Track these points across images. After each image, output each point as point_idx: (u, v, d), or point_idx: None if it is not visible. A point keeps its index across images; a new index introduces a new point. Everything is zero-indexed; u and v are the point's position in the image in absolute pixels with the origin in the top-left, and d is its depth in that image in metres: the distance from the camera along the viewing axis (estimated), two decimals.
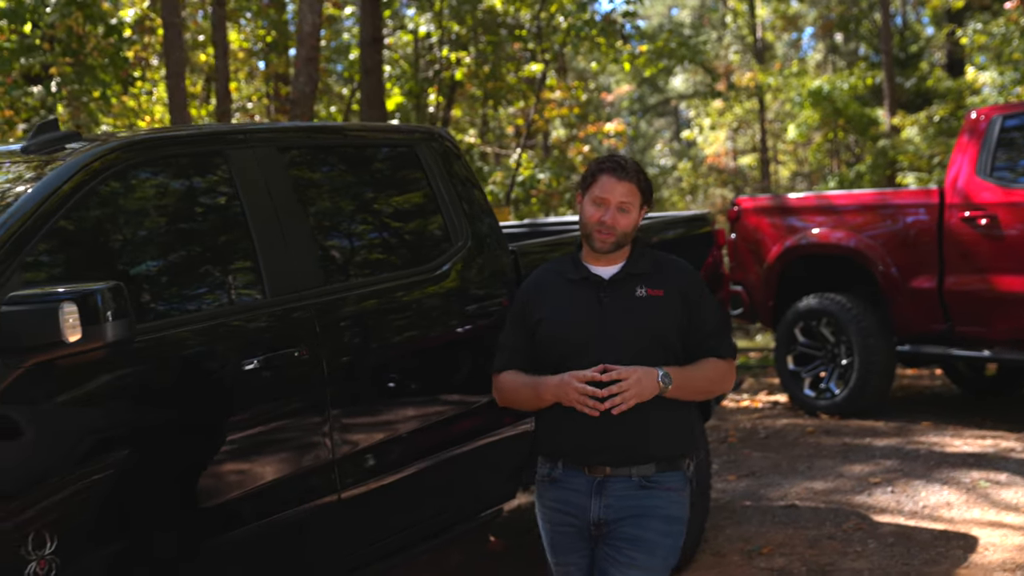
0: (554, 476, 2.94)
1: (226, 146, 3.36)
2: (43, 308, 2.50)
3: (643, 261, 2.96)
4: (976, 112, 7.22)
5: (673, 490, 2.89)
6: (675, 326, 2.90)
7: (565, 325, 2.91)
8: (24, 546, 2.54)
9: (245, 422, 3.10)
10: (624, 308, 2.89)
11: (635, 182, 2.90)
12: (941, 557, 4.61)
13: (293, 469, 3.20)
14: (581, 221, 2.95)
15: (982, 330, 6.85)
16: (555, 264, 3.07)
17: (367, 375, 3.52)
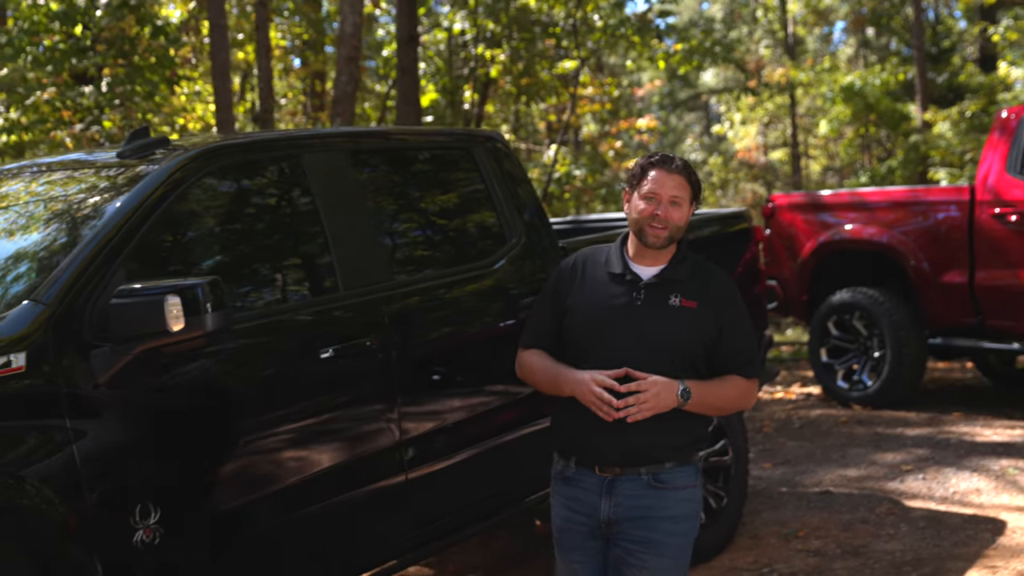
0: (567, 474, 2.97)
1: (302, 151, 3.63)
2: (150, 300, 2.77)
3: (683, 267, 2.95)
4: (1007, 111, 7.38)
5: (682, 488, 2.91)
6: (702, 340, 2.89)
7: (594, 319, 2.91)
8: (133, 516, 2.81)
9: (322, 405, 3.36)
10: (654, 315, 2.88)
11: (685, 176, 2.91)
12: (970, 539, 4.82)
13: (365, 450, 3.45)
14: (631, 217, 2.93)
15: (1012, 323, 7.03)
16: (599, 252, 3.04)
17: (429, 364, 3.77)
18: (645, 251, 2.94)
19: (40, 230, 3.15)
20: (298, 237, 3.55)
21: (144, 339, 2.81)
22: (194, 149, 3.36)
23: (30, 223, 3.22)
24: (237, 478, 3.11)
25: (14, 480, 2.59)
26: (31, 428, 2.67)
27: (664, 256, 2.95)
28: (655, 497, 2.87)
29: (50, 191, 3.36)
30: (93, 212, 3.10)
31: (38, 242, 3.09)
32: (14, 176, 3.57)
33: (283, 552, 3.26)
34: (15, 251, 3.11)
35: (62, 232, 3.09)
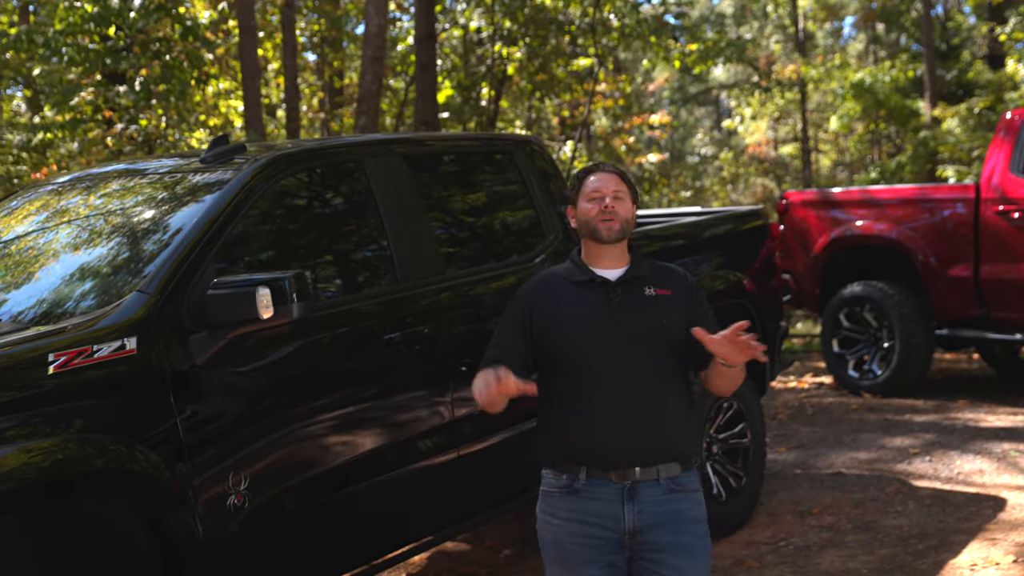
0: (575, 487, 2.89)
1: (364, 156, 4.00)
2: (243, 292, 3.13)
3: (644, 265, 3.03)
4: (1011, 112, 7.72)
5: (695, 491, 2.94)
6: (683, 322, 2.93)
7: (580, 325, 2.91)
8: (227, 482, 3.18)
9: (385, 387, 3.73)
10: (636, 307, 2.93)
11: (619, 175, 3.03)
12: (973, 515, 5.18)
13: (422, 427, 3.82)
14: (580, 222, 3.01)
15: (1015, 315, 7.38)
16: (555, 272, 3.08)
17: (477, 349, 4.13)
18: (602, 253, 2.99)
19: (137, 228, 3.52)
20: (362, 234, 3.92)
21: (237, 325, 3.18)
22: (269, 155, 3.73)
23: (127, 222, 3.58)
24: (312, 450, 3.47)
25: (126, 448, 2.95)
26: (141, 403, 3.03)
27: (622, 259, 3.01)
28: (677, 500, 2.87)
29: (143, 193, 3.73)
30: (185, 212, 3.47)
31: (137, 239, 3.46)
32: (108, 180, 3.94)
33: (349, 519, 3.63)
34: (116, 247, 3.48)
35: (157, 230, 3.46)
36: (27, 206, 4.01)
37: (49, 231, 3.75)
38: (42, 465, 2.74)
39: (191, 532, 3.07)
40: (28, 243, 3.73)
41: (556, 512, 2.92)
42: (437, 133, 4.89)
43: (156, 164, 4.02)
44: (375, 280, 3.89)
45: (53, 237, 3.69)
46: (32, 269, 3.56)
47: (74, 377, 2.88)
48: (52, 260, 3.56)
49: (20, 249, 3.71)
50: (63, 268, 3.49)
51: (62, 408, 2.85)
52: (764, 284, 5.70)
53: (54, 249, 3.62)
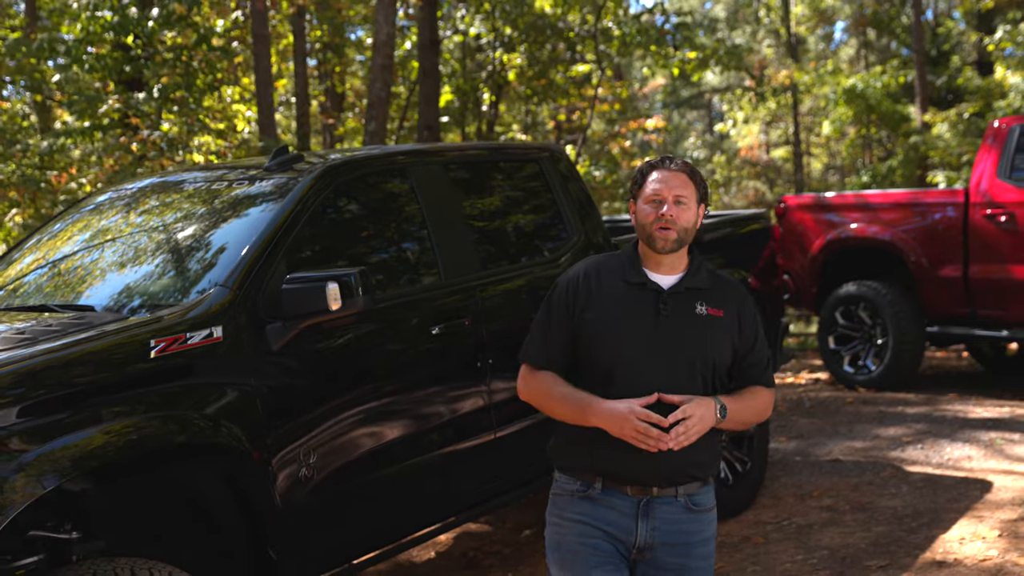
0: (590, 494, 2.82)
1: (409, 164, 4.40)
2: (314, 286, 3.52)
3: (702, 275, 2.86)
4: (999, 121, 8.15)
5: (711, 510, 2.87)
6: (732, 349, 2.83)
7: (617, 331, 2.78)
8: (299, 455, 3.57)
9: (433, 373, 4.12)
10: (683, 325, 2.78)
11: (688, 174, 2.83)
12: (961, 496, 5.60)
13: (465, 410, 4.21)
14: (638, 225, 2.85)
15: (1001, 313, 7.81)
16: (610, 260, 2.93)
17: (509, 340, 4.52)
18: (659, 259, 2.83)
19: (214, 230, 3.91)
20: (409, 235, 4.32)
21: (309, 316, 3.56)
22: (324, 165, 4.12)
23: (205, 223, 3.97)
24: (369, 429, 3.85)
25: (213, 423, 3.33)
26: (226, 384, 3.41)
27: (679, 264, 2.86)
28: (692, 521, 2.81)
29: (216, 197, 4.12)
30: (256, 215, 3.86)
31: (215, 239, 3.85)
32: (182, 185, 4.33)
33: (398, 494, 4.01)
34: (196, 246, 3.87)
35: (233, 231, 3.84)
36: (107, 209, 4.40)
37: (134, 231, 4.14)
38: (137, 438, 3.11)
39: (269, 498, 3.45)
40: (114, 242, 4.11)
41: (565, 514, 2.85)
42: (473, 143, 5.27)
43: (223, 171, 4.40)
44: (421, 277, 4.29)
45: (138, 237, 4.07)
46: (121, 266, 3.94)
47: (171, 360, 3.27)
48: (138, 258, 3.94)
49: (107, 247, 4.10)
50: (149, 265, 3.88)
51: (162, 387, 3.23)
52: (767, 283, 6.11)
53: (140, 248, 4.00)
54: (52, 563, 3.11)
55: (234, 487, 3.43)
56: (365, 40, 17.93)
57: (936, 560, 4.73)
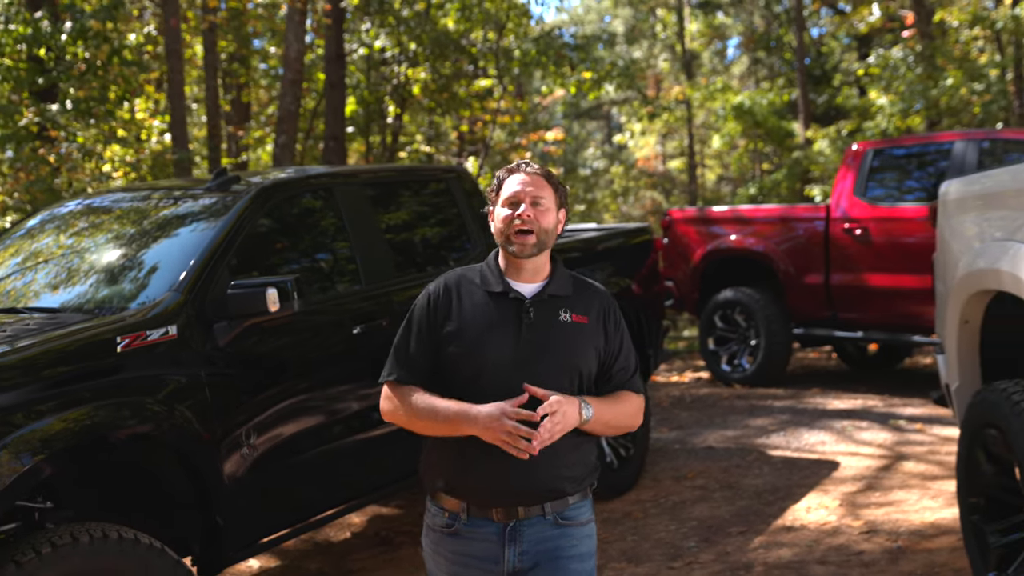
0: (456, 529, 2.72)
1: (333, 184, 5.03)
2: (256, 291, 4.11)
3: (565, 281, 2.81)
4: (856, 144, 9.09)
5: (585, 523, 2.77)
6: (597, 356, 2.76)
7: (481, 343, 2.69)
8: (241, 436, 4.17)
9: (356, 368, 4.74)
10: (546, 333, 2.71)
11: (544, 176, 2.78)
12: (813, 474, 6.43)
13: None
14: (496, 230, 2.78)
15: (858, 316, 8.73)
16: (471, 271, 2.84)
17: None
18: (520, 266, 2.77)
19: (165, 241, 4.49)
20: (334, 247, 4.95)
21: (250, 317, 4.16)
22: (261, 184, 4.72)
23: (157, 235, 4.54)
24: (299, 414, 4.45)
25: (168, 406, 3.90)
26: (180, 375, 3.99)
27: (541, 271, 2.79)
28: (561, 536, 2.71)
29: (164, 211, 4.69)
30: (201, 228, 4.45)
31: (166, 249, 4.42)
32: (132, 201, 4.89)
33: (325, 472, 4.62)
34: (149, 255, 4.44)
35: (182, 243, 4.42)
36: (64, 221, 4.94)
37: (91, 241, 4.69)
38: (90, 423, 3.63)
39: (217, 473, 4.04)
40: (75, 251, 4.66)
41: (440, 550, 2.79)
42: (390, 165, 5.85)
43: (170, 190, 4.97)
44: (344, 283, 4.91)
45: (97, 246, 4.62)
46: (83, 272, 4.48)
47: (135, 354, 3.84)
48: (99, 265, 4.49)
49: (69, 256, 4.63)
50: (108, 273, 4.43)
51: (125, 377, 3.80)
52: (649, 289, 6.88)
53: (100, 256, 4.55)
54: (27, 529, 3.65)
55: (186, 463, 4.01)
56: (269, 49, 18.26)
57: (786, 526, 5.53)
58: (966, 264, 4.06)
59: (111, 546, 3.46)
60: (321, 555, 5.79)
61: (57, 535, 3.40)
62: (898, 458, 6.67)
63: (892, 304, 8.37)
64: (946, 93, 14.80)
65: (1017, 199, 3.80)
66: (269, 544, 4.39)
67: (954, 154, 8.26)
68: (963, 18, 16.49)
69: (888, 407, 8.17)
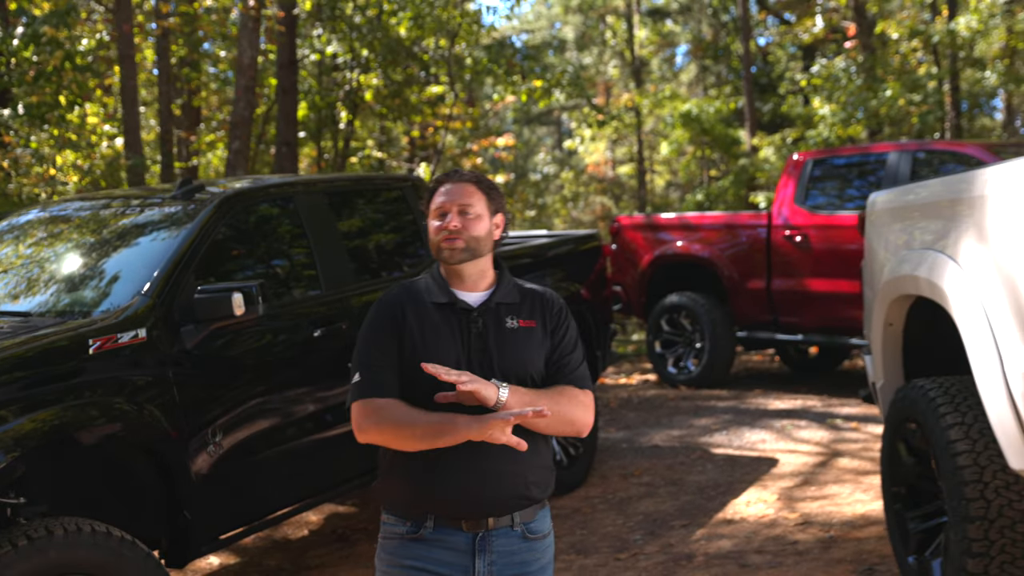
0: (422, 534, 2.67)
1: (294, 193, 5.22)
2: (222, 295, 4.31)
3: (510, 288, 2.80)
4: (797, 155, 9.43)
5: (547, 535, 2.79)
6: (545, 359, 2.76)
7: (431, 356, 2.63)
8: (208, 433, 4.36)
9: (317, 369, 4.94)
10: (496, 341, 2.70)
11: (473, 182, 2.76)
12: (753, 471, 6.73)
13: (341, 400, 5.04)
14: (430, 242, 2.78)
15: (798, 319, 9.07)
16: (416, 285, 2.81)
17: None
18: (462, 275, 2.74)
19: (133, 247, 4.66)
20: (295, 253, 5.15)
21: (217, 320, 4.35)
22: (224, 193, 4.91)
23: (124, 242, 4.72)
24: (263, 413, 4.65)
25: (138, 406, 4.09)
26: (148, 375, 4.17)
27: (484, 279, 2.78)
28: (529, 550, 2.72)
29: (132, 219, 4.87)
30: (169, 235, 4.63)
31: (135, 255, 4.60)
32: (99, 209, 5.05)
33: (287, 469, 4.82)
34: (117, 261, 4.61)
35: (151, 249, 4.60)
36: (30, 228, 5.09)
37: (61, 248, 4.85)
38: (59, 423, 3.81)
39: (185, 469, 4.23)
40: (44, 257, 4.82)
41: (397, 560, 2.69)
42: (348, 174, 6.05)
43: (137, 198, 5.14)
44: (306, 288, 5.12)
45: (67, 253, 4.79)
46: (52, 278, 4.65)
47: (106, 356, 4.02)
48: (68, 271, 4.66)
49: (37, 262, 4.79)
50: (77, 278, 4.60)
51: (98, 378, 3.98)
52: (597, 293, 7.14)
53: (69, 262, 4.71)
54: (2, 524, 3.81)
55: (155, 460, 4.19)
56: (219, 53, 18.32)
57: (726, 519, 5.81)
58: (890, 270, 4.35)
59: (84, 539, 3.63)
60: (280, 552, 5.98)
61: (32, 529, 3.56)
62: (834, 455, 6.99)
63: (830, 308, 8.71)
64: (885, 104, 15.26)
65: (935, 211, 4.10)
66: (235, 538, 4.58)
67: (888, 164, 8.63)
68: (902, 31, 17.00)
69: (826, 407, 8.51)
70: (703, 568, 5.06)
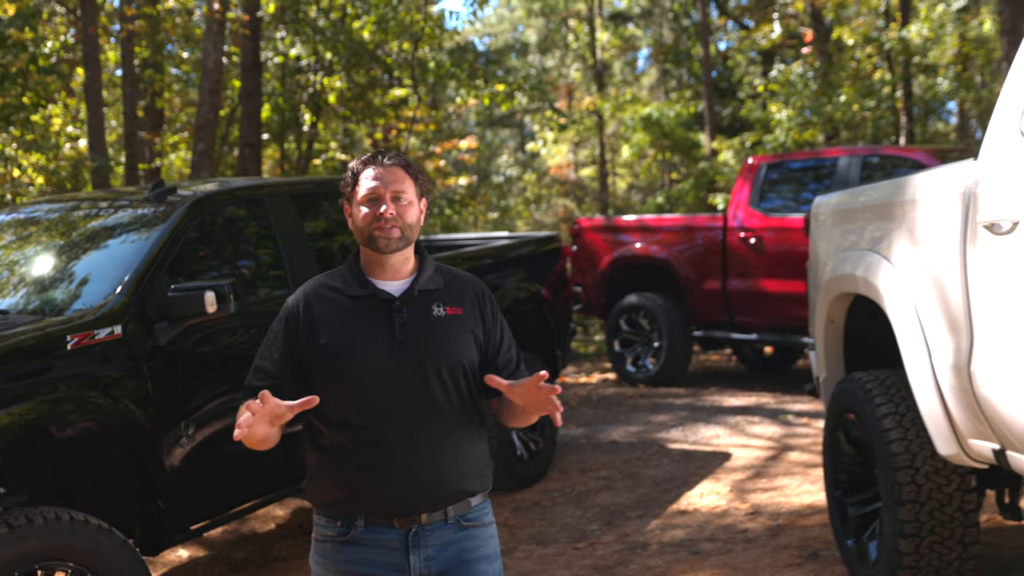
0: (353, 535, 2.57)
1: (263, 195, 5.40)
2: (195, 294, 4.48)
3: (433, 275, 2.67)
4: (752, 159, 9.71)
5: (488, 525, 2.68)
6: (475, 346, 2.64)
7: (355, 351, 2.55)
8: (180, 426, 4.52)
9: None
10: (422, 330, 2.58)
11: (403, 166, 2.62)
12: (708, 465, 6.97)
13: None
14: (356, 228, 2.63)
15: (752, 319, 9.34)
16: (330, 278, 2.70)
17: None
18: (384, 263, 2.63)
19: (108, 247, 4.83)
20: (264, 252, 5.33)
21: (190, 318, 4.52)
22: (196, 195, 5.08)
23: (99, 242, 4.88)
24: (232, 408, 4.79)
25: (113, 400, 4.25)
26: (123, 370, 4.34)
27: (406, 267, 2.66)
28: (467, 538, 2.62)
29: (108, 220, 5.02)
30: (142, 236, 4.80)
31: (109, 255, 4.76)
32: (69, 210, 5.20)
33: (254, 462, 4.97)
34: (93, 261, 4.77)
35: (125, 249, 4.76)
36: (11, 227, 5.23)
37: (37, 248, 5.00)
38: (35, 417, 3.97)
39: (159, 461, 4.40)
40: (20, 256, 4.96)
41: (329, 563, 2.61)
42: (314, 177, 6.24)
43: (110, 199, 5.30)
44: (275, 286, 5.29)
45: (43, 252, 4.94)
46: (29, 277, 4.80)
47: (84, 351, 4.18)
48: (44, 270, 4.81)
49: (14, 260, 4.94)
50: (54, 276, 4.75)
51: (76, 372, 4.15)
52: (557, 293, 7.36)
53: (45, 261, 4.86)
54: None
55: (130, 452, 4.35)
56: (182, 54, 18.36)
57: (680, 510, 6.05)
58: (831, 270, 4.61)
59: (63, 527, 3.79)
60: (248, 545, 6.14)
61: (13, 517, 3.72)
62: (784, 449, 7.26)
63: (783, 308, 8.98)
64: (840, 108, 15.61)
65: (873, 214, 4.36)
66: (206, 528, 4.76)
67: (839, 169, 8.92)
68: (856, 37, 17.38)
69: (779, 404, 8.79)
70: (657, 555, 5.29)
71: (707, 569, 5.01)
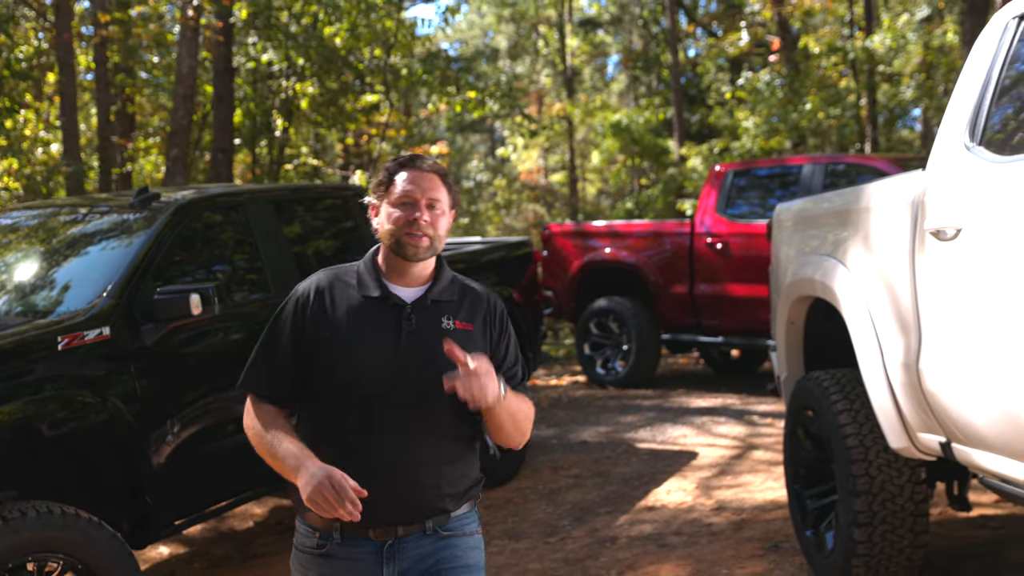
0: (328, 550, 2.53)
1: (244, 201, 5.57)
2: (180, 296, 4.64)
3: (449, 286, 2.62)
4: (719, 166, 9.95)
5: (471, 534, 2.62)
6: None
7: (358, 351, 2.50)
8: (166, 424, 4.68)
9: None
10: (429, 341, 2.50)
11: (440, 177, 2.55)
12: (675, 463, 7.19)
13: None
14: (384, 229, 2.55)
15: (718, 323, 9.58)
16: (346, 272, 2.63)
17: None
18: (403, 269, 2.57)
19: (96, 252, 4.97)
20: (246, 257, 5.49)
21: (175, 319, 4.68)
22: (179, 201, 5.24)
23: (87, 247, 5.02)
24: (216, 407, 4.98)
25: (101, 398, 4.41)
26: (111, 370, 4.50)
27: (423, 275, 2.59)
28: (445, 548, 2.55)
29: (95, 225, 5.17)
30: (129, 241, 4.95)
31: (97, 259, 4.91)
32: (56, 215, 5.34)
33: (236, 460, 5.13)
34: (80, 265, 4.92)
35: (111, 254, 4.91)
36: None
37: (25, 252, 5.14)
38: (23, 416, 4.11)
39: (146, 458, 4.55)
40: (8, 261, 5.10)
41: (307, 574, 2.60)
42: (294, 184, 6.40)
43: (96, 205, 5.44)
44: (256, 289, 5.46)
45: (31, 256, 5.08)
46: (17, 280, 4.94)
47: (73, 352, 4.34)
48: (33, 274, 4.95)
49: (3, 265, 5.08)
50: (42, 280, 4.90)
51: (66, 372, 4.30)
52: (528, 297, 7.56)
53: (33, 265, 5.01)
54: None
55: (118, 449, 4.51)
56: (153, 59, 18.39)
57: (648, 506, 6.26)
58: (792, 274, 4.83)
59: (55, 520, 3.94)
60: (227, 541, 6.29)
61: (7, 510, 3.87)
62: (749, 448, 7.49)
63: (749, 311, 9.21)
64: (805, 117, 15.91)
65: (831, 220, 4.59)
66: (191, 523, 4.92)
67: (803, 176, 9.18)
68: (822, 47, 17.71)
69: (744, 405, 9.03)
70: (625, 548, 5.50)
71: (673, 561, 5.22)
